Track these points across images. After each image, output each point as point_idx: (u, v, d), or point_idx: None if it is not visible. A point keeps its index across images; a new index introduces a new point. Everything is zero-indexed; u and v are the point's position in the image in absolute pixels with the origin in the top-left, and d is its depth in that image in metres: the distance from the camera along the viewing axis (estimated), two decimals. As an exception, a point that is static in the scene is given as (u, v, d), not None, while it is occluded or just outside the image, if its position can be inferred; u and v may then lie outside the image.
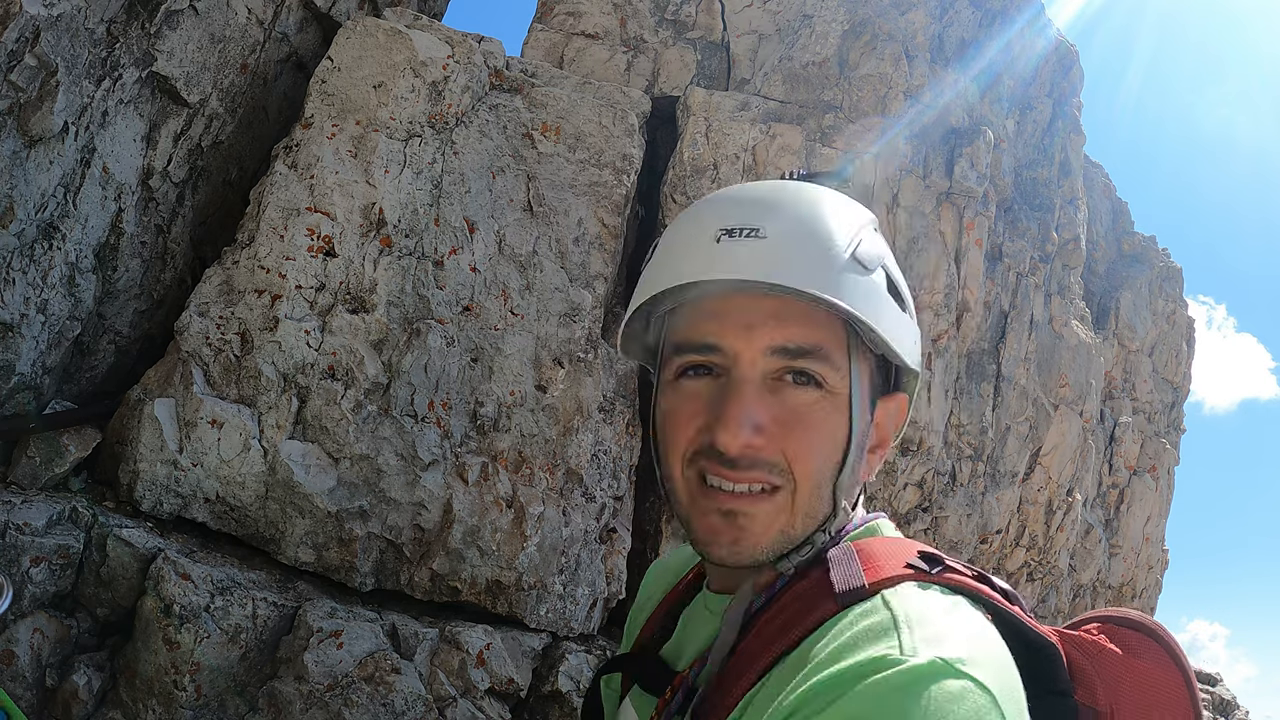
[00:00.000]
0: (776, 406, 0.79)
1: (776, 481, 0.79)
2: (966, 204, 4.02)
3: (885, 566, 0.77)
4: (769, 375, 0.80)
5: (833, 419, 0.80)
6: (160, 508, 2.81)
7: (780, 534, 0.80)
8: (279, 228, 3.07)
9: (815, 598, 0.76)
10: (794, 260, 0.78)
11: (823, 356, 0.79)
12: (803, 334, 0.79)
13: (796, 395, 0.79)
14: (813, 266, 0.78)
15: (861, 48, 4.02)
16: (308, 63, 3.62)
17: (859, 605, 0.73)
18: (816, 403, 0.79)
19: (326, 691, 2.56)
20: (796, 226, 0.80)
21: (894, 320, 0.81)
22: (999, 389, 4.25)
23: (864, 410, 0.82)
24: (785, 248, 0.78)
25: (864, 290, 0.79)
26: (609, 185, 3.42)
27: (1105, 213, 6.16)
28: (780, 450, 0.78)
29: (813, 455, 0.79)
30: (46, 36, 2.41)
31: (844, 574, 0.77)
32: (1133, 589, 5.67)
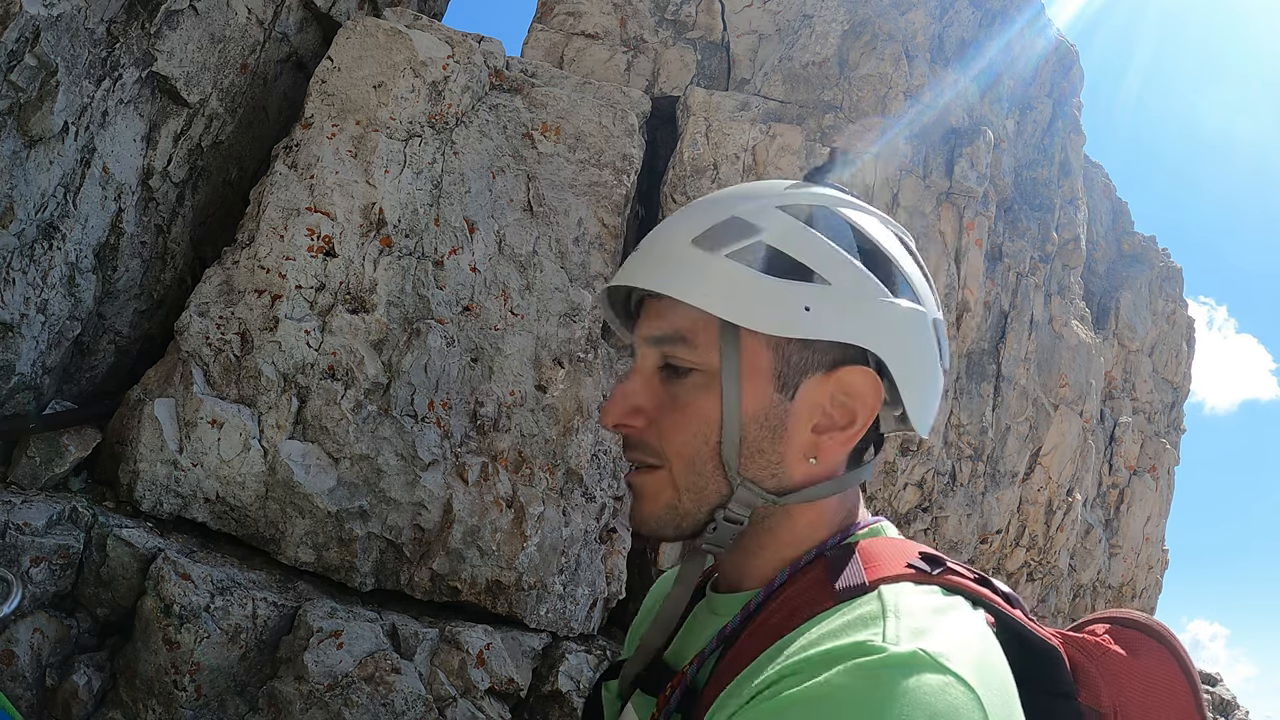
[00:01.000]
0: (662, 394, 0.86)
1: (653, 461, 0.86)
2: (966, 204, 4.03)
3: (886, 566, 0.78)
4: (656, 366, 0.87)
5: (701, 398, 0.83)
6: (160, 508, 2.81)
7: (668, 507, 0.85)
8: (279, 228, 3.07)
9: (813, 594, 0.78)
10: (644, 258, 0.86)
11: (681, 340, 0.84)
12: (666, 324, 0.85)
13: (675, 385, 0.85)
14: (654, 260, 0.85)
15: (861, 48, 4.02)
16: (308, 63, 3.62)
17: (854, 599, 0.74)
18: (688, 386, 0.84)
19: (326, 691, 2.56)
20: (661, 229, 0.87)
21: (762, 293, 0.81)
22: (999, 389, 4.25)
23: (750, 387, 0.83)
24: (648, 249, 0.86)
25: (711, 270, 0.82)
26: (609, 185, 3.42)
27: (1105, 213, 6.16)
28: (655, 432, 0.85)
29: (678, 433, 0.84)
30: (46, 36, 2.41)
31: (845, 572, 0.78)
32: (1133, 589, 5.67)
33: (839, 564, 0.80)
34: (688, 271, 0.82)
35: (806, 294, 0.82)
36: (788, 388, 0.84)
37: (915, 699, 0.60)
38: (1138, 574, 5.68)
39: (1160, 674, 0.82)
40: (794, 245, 0.83)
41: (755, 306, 0.81)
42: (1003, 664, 0.70)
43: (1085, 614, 5.09)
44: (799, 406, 0.84)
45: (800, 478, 0.85)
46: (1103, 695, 0.80)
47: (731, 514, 0.84)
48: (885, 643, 0.64)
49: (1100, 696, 0.80)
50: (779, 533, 0.87)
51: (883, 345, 0.84)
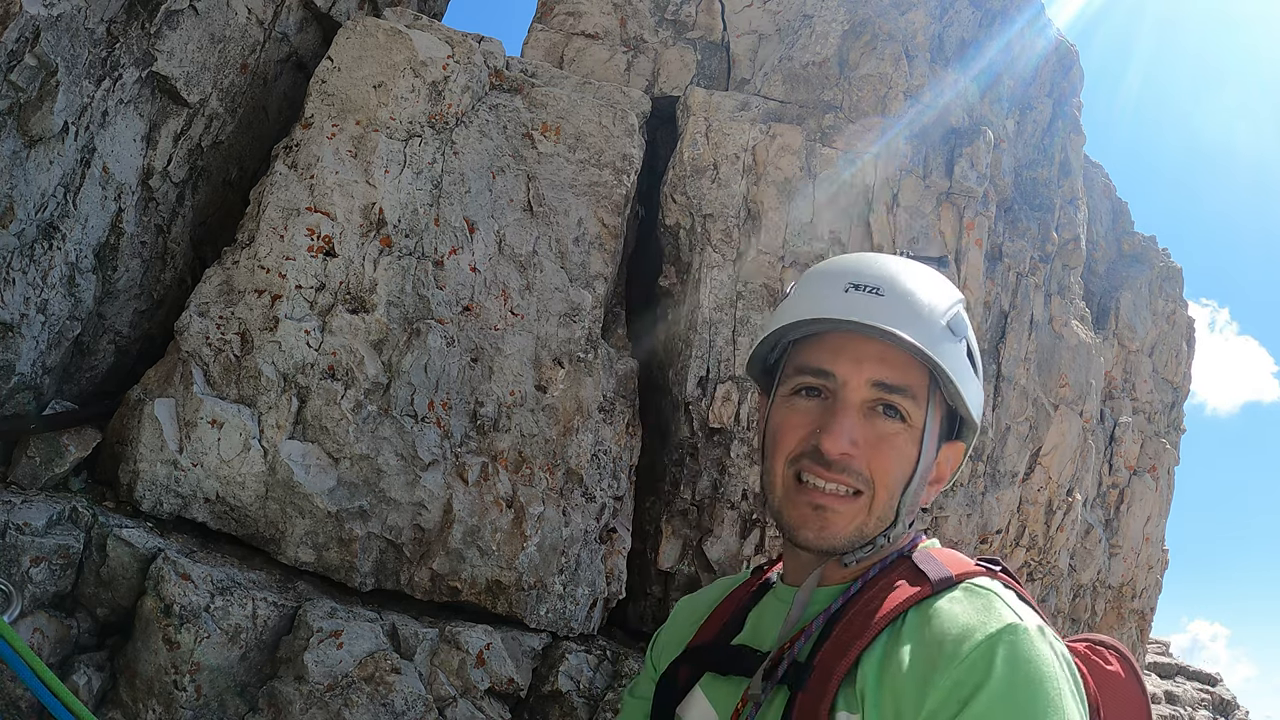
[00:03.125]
0: (868, 429, 1.02)
1: (860, 487, 1.01)
2: (966, 204, 4.02)
3: (960, 564, 1.01)
4: (866, 403, 1.02)
5: (908, 447, 1.03)
6: (160, 508, 2.81)
7: (857, 530, 1.02)
8: (279, 228, 3.07)
9: (910, 582, 0.99)
10: (905, 318, 1.01)
11: (910, 395, 1.02)
12: (898, 375, 1.02)
13: (885, 423, 1.02)
14: (918, 325, 1.01)
15: (861, 48, 4.02)
16: (308, 63, 3.62)
17: (949, 591, 0.96)
18: (898, 432, 1.02)
19: (326, 691, 2.56)
20: (909, 292, 1.04)
21: (968, 380, 1.05)
22: (999, 389, 4.25)
23: (932, 445, 1.05)
24: (899, 307, 1.02)
25: (951, 352, 1.02)
26: (609, 185, 3.42)
27: (1105, 213, 6.16)
28: (866, 463, 1.01)
29: (890, 472, 1.02)
30: (46, 36, 2.41)
31: (932, 568, 0.99)
32: (1133, 589, 5.67)
33: (924, 562, 1.01)
34: (947, 352, 1.02)
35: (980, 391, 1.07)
36: (937, 450, 1.08)
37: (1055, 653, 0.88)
38: (1138, 574, 5.68)
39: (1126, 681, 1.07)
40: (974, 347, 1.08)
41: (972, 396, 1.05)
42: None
43: (1085, 614, 5.04)
44: (935, 464, 1.08)
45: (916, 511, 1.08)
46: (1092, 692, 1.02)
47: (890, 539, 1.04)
48: (1022, 620, 0.88)
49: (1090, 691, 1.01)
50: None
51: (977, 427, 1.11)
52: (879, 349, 1.01)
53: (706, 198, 3.65)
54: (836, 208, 3.74)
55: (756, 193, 3.68)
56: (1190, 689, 8.22)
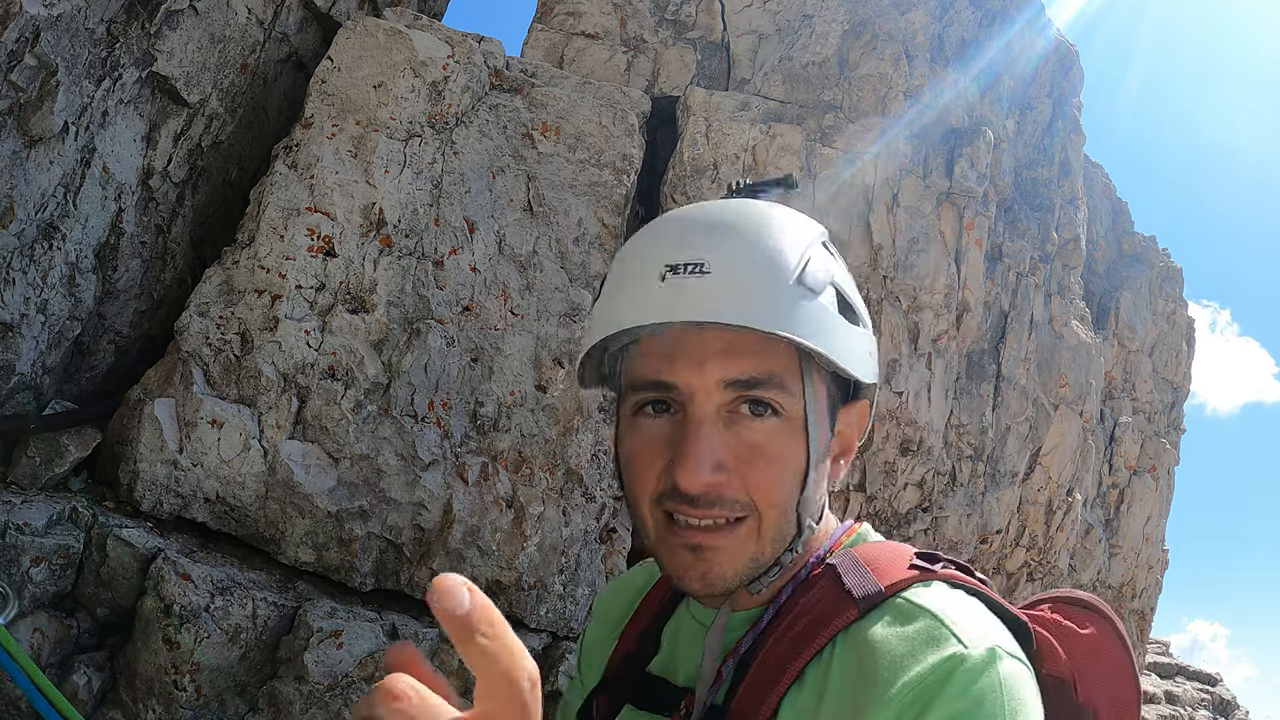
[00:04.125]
0: (735, 442, 0.80)
1: (740, 514, 0.81)
2: (966, 204, 4.02)
3: (891, 570, 0.82)
4: (724, 408, 0.80)
5: (791, 446, 0.81)
6: (160, 508, 2.81)
7: (750, 561, 0.82)
8: (279, 228, 3.07)
9: (833, 603, 0.81)
10: (739, 295, 0.78)
11: (776, 384, 0.80)
12: (754, 365, 0.80)
13: (754, 428, 0.81)
14: (759, 299, 0.78)
15: (861, 48, 4.02)
16: (308, 63, 3.62)
17: (881, 608, 0.78)
18: (774, 432, 0.81)
19: (326, 691, 2.56)
20: (741, 257, 0.80)
21: (846, 338, 0.82)
22: (999, 389, 4.25)
23: (822, 429, 0.84)
24: (730, 282, 0.78)
25: (813, 315, 0.80)
26: (609, 185, 3.42)
27: (1105, 213, 6.16)
28: (743, 486, 0.80)
29: (775, 487, 0.81)
30: (46, 36, 2.41)
31: (857, 580, 0.81)
32: (1133, 589, 5.67)
33: (848, 572, 0.82)
34: (806, 316, 0.79)
35: (865, 339, 0.85)
36: (832, 424, 0.86)
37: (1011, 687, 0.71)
38: (1137, 574, 5.68)
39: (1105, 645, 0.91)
40: (848, 288, 0.85)
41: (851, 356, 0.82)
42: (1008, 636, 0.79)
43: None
44: (835, 441, 0.88)
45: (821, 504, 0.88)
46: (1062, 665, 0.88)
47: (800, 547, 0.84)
48: (967, 650, 0.72)
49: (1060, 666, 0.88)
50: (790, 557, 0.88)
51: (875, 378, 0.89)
52: (724, 339, 0.80)
53: (706, 198, 3.65)
54: (837, 208, 3.74)
55: (756, 193, 3.68)
56: (1190, 689, 8.23)
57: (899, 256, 3.80)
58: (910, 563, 0.82)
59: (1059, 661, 0.88)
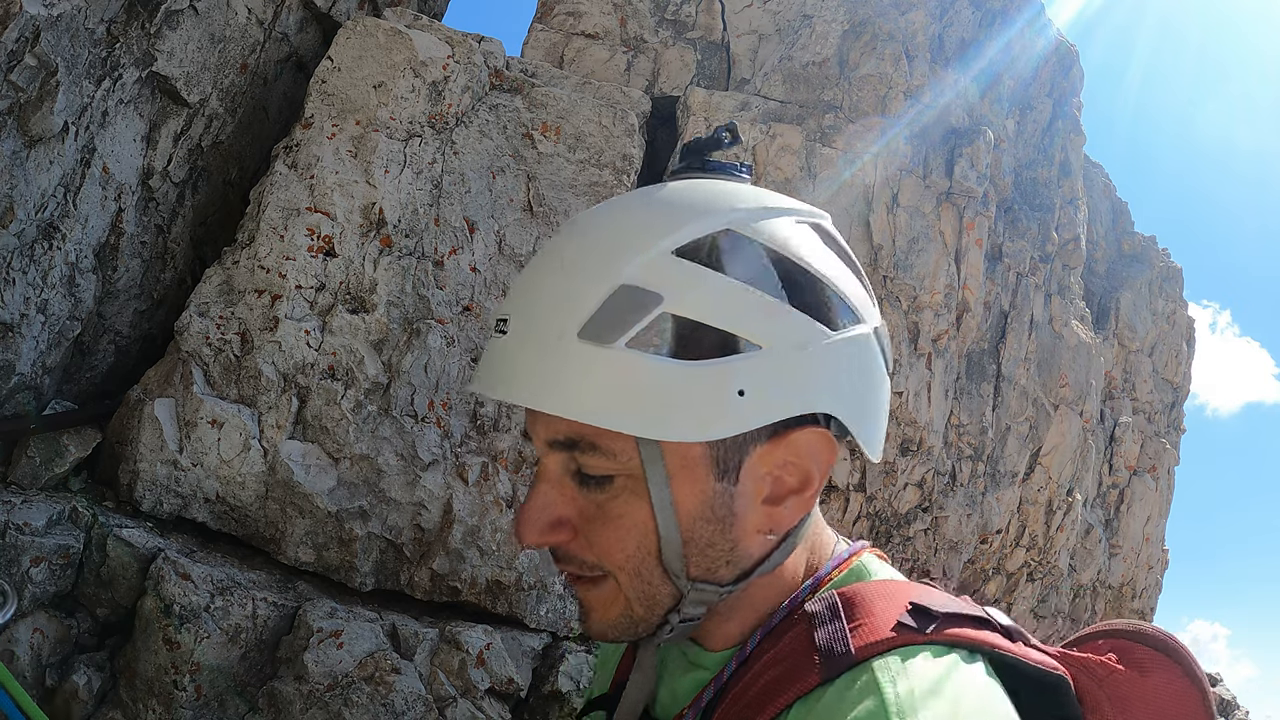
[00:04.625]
0: (580, 500, 0.72)
1: (594, 573, 0.74)
2: (966, 204, 4.02)
3: (873, 627, 0.70)
4: (567, 468, 0.72)
5: (631, 506, 0.70)
6: (160, 508, 2.81)
7: (623, 618, 0.75)
8: (279, 228, 3.07)
9: (795, 662, 0.71)
10: (522, 363, 0.68)
11: (591, 447, 0.69)
12: (568, 426, 0.68)
13: (595, 489, 0.71)
14: (530, 366, 0.67)
15: (861, 48, 4.02)
16: (308, 63, 3.62)
17: (844, 677, 0.67)
18: (614, 491, 0.71)
19: (326, 691, 2.56)
20: (529, 306, 0.69)
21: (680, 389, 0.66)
22: (999, 389, 4.25)
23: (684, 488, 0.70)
24: (517, 345, 0.68)
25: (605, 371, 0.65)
26: (609, 185, 3.42)
27: (1105, 213, 6.16)
28: (587, 545, 0.73)
29: (616, 549, 0.71)
30: (46, 36, 2.41)
31: (827, 636, 0.70)
32: (1133, 589, 5.67)
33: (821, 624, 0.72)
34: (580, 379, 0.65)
35: (736, 373, 0.66)
36: (729, 473, 0.71)
37: None
38: (1138, 574, 5.68)
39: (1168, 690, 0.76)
40: (707, 308, 0.66)
41: (674, 410, 0.65)
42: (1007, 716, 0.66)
43: (1085, 615, 5.00)
44: (745, 487, 0.72)
45: (759, 553, 0.75)
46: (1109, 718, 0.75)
47: (687, 616, 0.75)
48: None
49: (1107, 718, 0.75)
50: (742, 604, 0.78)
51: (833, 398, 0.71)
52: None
53: (706, 198, 3.65)
54: (836, 208, 3.74)
55: (756, 193, 3.68)
56: (1190, 689, 8.21)
57: (899, 256, 3.80)
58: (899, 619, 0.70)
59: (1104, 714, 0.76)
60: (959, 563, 4.12)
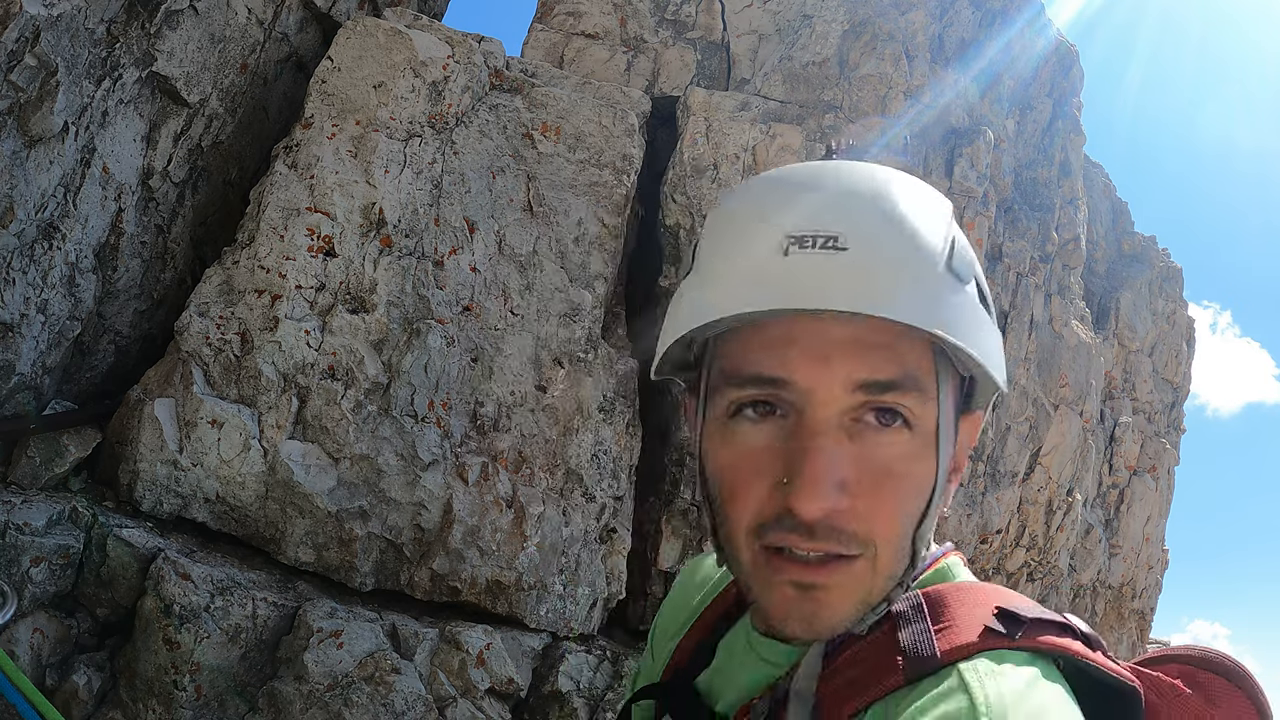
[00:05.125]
0: (861, 459, 0.67)
1: (853, 551, 0.68)
2: (966, 204, 4.02)
3: (959, 630, 0.68)
4: (848, 415, 0.66)
5: (921, 465, 0.69)
6: (160, 508, 2.81)
7: (860, 602, 0.69)
8: (279, 228, 3.07)
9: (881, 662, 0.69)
10: (887, 281, 0.64)
11: (913, 387, 0.66)
12: (890, 364, 0.66)
13: (882, 442, 0.67)
14: (910, 288, 0.64)
15: (861, 48, 4.02)
16: (308, 63, 3.62)
17: (929, 679, 0.65)
18: (904, 447, 0.68)
19: (326, 691, 2.56)
20: (884, 233, 0.66)
21: (986, 335, 0.69)
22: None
23: (949, 442, 0.71)
24: (875, 264, 0.64)
25: (963, 308, 0.66)
26: (609, 185, 3.42)
27: (1105, 213, 6.16)
28: (867, 514, 0.67)
29: (898, 516, 0.68)
30: (46, 36, 2.41)
31: (912, 637, 0.68)
32: (1133, 589, 5.67)
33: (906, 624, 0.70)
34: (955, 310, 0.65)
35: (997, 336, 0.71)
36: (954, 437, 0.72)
37: None
38: (1138, 574, 5.68)
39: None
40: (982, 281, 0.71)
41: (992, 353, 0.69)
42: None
43: (1085, 614, 5.01)
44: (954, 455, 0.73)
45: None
46: None
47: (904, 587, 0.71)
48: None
49: None
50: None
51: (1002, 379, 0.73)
52: (852, 330, 0.65)
53: (707, 198, 3.65)
54: (836, 208, 3.73)
55: (756, 193, 3.68)
56: (1190, 689, 8.21)
57: (899, 256, 3.80)
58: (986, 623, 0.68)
59: None
60: (959, 563, 4.12)
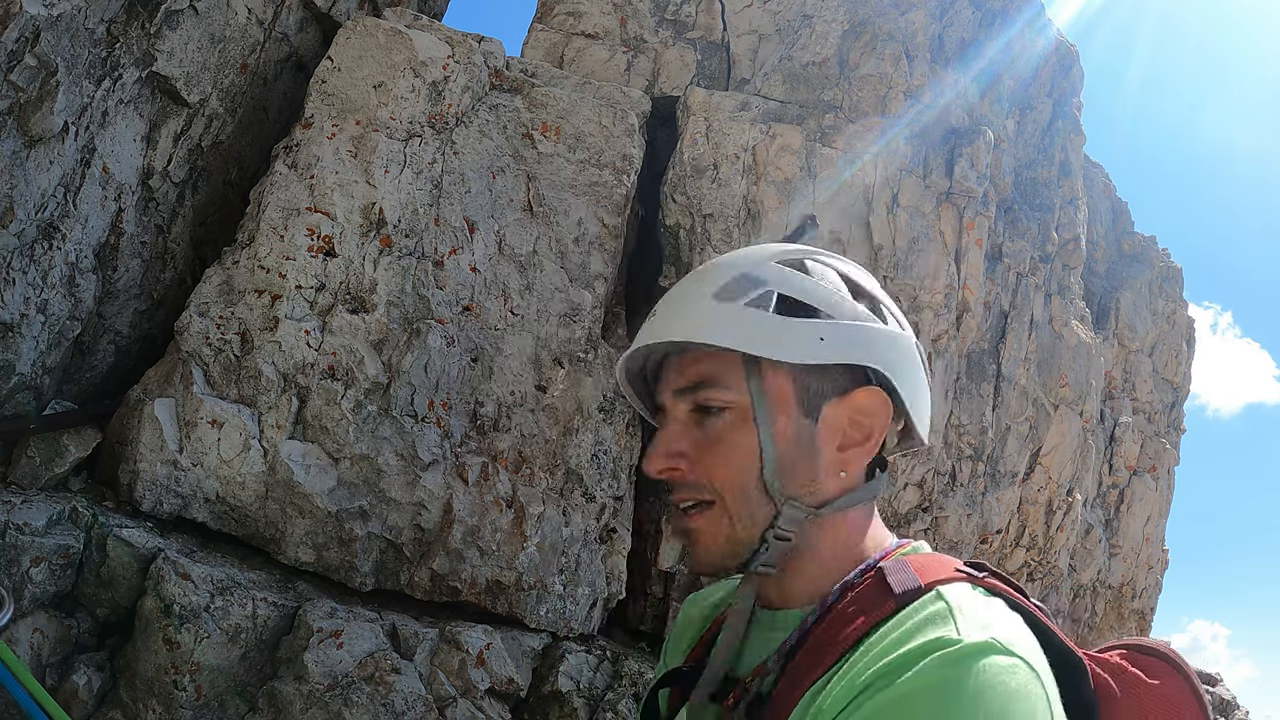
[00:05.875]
0: (697, 436, 0.95)
1: (706, 497, 0.94)
2: (966, 204, 4.02)
3: (937, 571, 0.87)
4: (687, 414, 0.96)
5: (740, 434, 0.93)
6: (160, 508, 2.81)
7: (727, 541, 0.94)
8: (279, 228, 3.07)
9: (874, 600, 0.86)
10: (670, 318, 0.97)
11: (714, 383, 0.94)
12: (693, 372, 0.95)
13: (708, 423, 0.95)
14: (681, 317, 0.96)
15: (861, 48, 4.02)
16: (308, 63, 3.62)
17: (916, 600, 0.83)
18: (724, 425, 0.94)
19: (326, 691, 2.56)
20: (677, 290, 0.99)
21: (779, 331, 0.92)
22: (999, 389, 4.25)
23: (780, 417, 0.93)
24: (667, 311, 0.98)
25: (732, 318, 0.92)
26: (609, 185, 3.42)
27: (1105, 213, 6.16)
28: (703, 471, 0.93)
29: (726, 468, 0.93)
30: (46, 36, 2.41)
31: (900, 579, 0.87)
32: (1133, 589, 5.67)
33: (893, 573, 0.88)
34: (715, 322, 0.93)
35: (817, 327, 0.93)
36: (811, 412, 0.95)
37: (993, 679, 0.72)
38: (1137, 574, 5.68)
39: (1174, 697, 0.89)
40: (798, 289, 0.96)
41: (779, 342, 0.92)
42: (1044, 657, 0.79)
43: (1085, 615, 5.03)
44: (823, 428, 0.95)
45: (834, 490, 0.96)
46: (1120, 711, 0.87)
47: (781, 532, 0.93)
48: (960, 636, 0.75)
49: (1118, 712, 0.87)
50: (821, 550, 0.96)
51: (886, 364, 0.95)
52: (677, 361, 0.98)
53: (706, 198, 3.65)
54: (837, 208, 3.74)
55: (756, 193, 3.68)
56: (1190, 689, 8.20)
57: (899, 256, 3.80)
58: (957, 567, 0.88)
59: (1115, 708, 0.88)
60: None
